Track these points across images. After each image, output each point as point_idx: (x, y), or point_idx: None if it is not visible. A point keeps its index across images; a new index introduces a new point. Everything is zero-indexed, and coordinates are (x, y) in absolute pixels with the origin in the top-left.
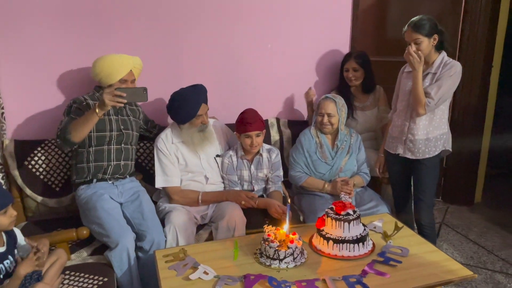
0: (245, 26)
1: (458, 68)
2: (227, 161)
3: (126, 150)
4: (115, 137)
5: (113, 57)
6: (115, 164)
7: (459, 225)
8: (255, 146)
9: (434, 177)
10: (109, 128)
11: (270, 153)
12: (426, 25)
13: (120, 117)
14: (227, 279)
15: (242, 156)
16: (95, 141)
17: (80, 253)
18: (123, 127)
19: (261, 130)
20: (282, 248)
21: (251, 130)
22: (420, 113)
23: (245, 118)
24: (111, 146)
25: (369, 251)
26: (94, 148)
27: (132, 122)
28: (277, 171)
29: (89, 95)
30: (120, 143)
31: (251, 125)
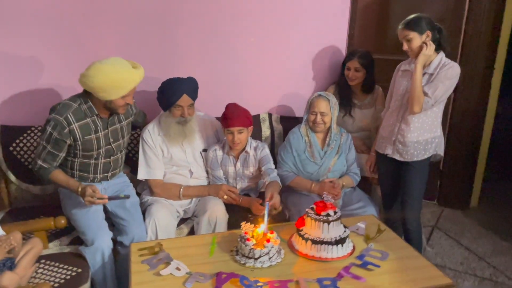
0: (239, 21)
1: (456, 70)
2: (211, 155)
3: (115, 161)
4: (104, 152)
5: (118, 71)
6: (102, 176)
7: (452, 229)
8: (237, 143)
9: (422, 181)
10: (97, 147)
11: (257, 150)
12: (417, 22)
13: (110, 129)
14: (198, 276)
15: (228, 152)
16: (81, 156)
17: (58, 242)
18: (113, 139)
19: (245, 126)
20: (258, 247)
21: (232, 126)
22: (415, 111)
23: (226, 113)
24: (99, 161)
25: (348, 253)
26: (80, 160)
27: (124, 128)
28: (267, 164)
29: (74, 110)
30: (108, 157)
31: (232, 120)
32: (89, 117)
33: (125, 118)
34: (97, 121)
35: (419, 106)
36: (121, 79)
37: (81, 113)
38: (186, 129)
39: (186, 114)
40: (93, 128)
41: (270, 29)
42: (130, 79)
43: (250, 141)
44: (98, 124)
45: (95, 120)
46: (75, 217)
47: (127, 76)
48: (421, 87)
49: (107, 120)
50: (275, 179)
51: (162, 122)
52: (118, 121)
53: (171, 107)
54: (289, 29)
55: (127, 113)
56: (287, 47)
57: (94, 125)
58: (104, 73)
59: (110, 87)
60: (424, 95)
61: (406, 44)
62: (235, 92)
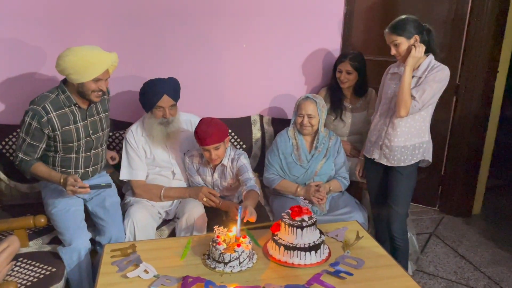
0: (230, 22)
1: (445, 73)
2: (188, 161)
3: (96, 155)
4: (84, 144)
5: (87, 52)
6: (83, 171)
7: (450, 237)
8: (215, 159)
9: (408, 187)
10: (76, 138)
11: (233, 162)
12: (404, 26)
13: (89, 120)
14: (165, 280)
15: (205, 163)
16: (61, 150)
17: (38, 240)
18: (92, 131)
19: (220, 141)
20: (228, 251)
21: (207, 144)
22: (401, 114)
23: (199, 131)
24: (79, 155)
25: (322, 260)
26: (61, 155)
27: (103, 120)
28: (244, 174)
29: (52, 100)
30: (89, 150)
31: (206, 140)
32: (67, 106)
33: (103, 111)
34: (75, 111)
35: (405, 110)
36: (91, 59)
37: (59, 103)
38: (169, 130)
39: (168, 115)
40: (72, 118)
41: (262, 30)
42: (100, 60)
43: (228, 152)
44: (77, 114)
45: (73, 110)
46: (54, 217)
47: (97, 57)
48: (409, 90)
49: (85, 111)
50: (252, 187)
51: (145, 123)
52: (96, 113)
53: (152, 108)
54: (282, 30)
55: (104, 105)
56: (280, 48)
57: (72, 115)
58: (75, 53)
59: (81, 67)
60: (411, 99)
61: (394, 48)
62: (226, 93)
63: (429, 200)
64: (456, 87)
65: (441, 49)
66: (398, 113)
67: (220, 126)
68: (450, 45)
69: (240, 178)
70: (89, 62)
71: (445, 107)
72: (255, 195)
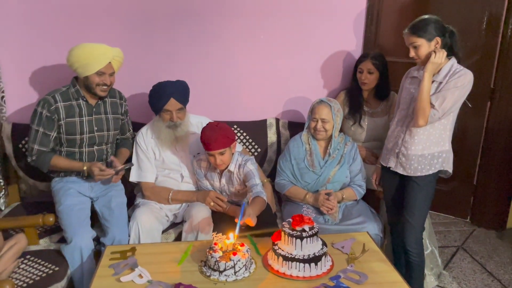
0: (247, 22)
1: (468, 78)
2: (196, 165)
3: (100, 151)
4: (87, 139)
5: (91, 46)
6: None
7: (480, 251)
8: (220, 165)
9: (425, 198)
10: (80, 131)
11: (240, 168)
12: (425, 27)
13: (95, 117)
14: (158, 286)
15: (212, 169)
16: (65, 143)
17: (47, 239)
18: (97, 128)
19: (225, 147)
20: (224, 259)
21: (212, 150)
22: (419, 124)
23: (204, 136)
24: (83, 149)
25: (323, 273)
26: (65, 149)
27: (110, 121)
28: (251, 180)
29: (62, 92)
30: (92, 146)
31: (211, 145)
32: (75, 99)
33: (112, 112)
34: (82, 105)
35: (424, 119)
36: (94, 52)
37: (68, 95)
38: (177, 133)
39: (175, 119)
40: (77, 111)
41: (279, 30)
42: (102, 53)
43: (235, 158)
44: (83, 108)
45: (80, 104)
46: (60, 214)
47: (99, 50)
48: (428, 98)
49: (93, 106)
50: (258, 194)
51: (154, 126)
52: (104, 112)
53: (160, 111)
54: (300, 30)
55: (115, 108)
56: (297, 49)
57: (78, 108)
58: (80, 47)
59: (85, 60)
60: (430, 107)
61: (413, 51)
62: (241, 96)
63: (460, 211)
64: (490, 91)
65: (474, 52)
66: (416, 123)
67: (226, 131)
68: (484, 48)
69: (247, 184)
70: (92, 55)
71: (479, 113)
72: (260, 201)
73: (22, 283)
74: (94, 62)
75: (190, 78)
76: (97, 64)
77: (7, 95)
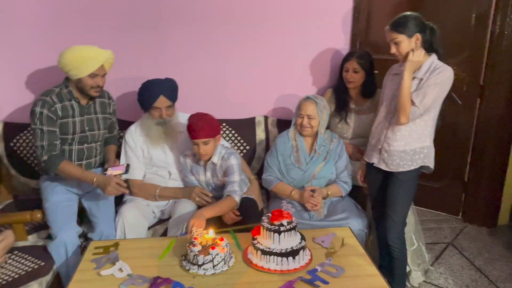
0: (235, 20)
1: (447, 74)
2: (182, 161)
3: (89, 149)
4: (78, 138)
5: (83, 49)
6: (76, 164)
7: (469, 248)
8: (203, 154)
9: (407, 194)
10: (72, 131)
11: (223, 160)
12: (405, 23)
13: (86, 117)
14: (137, 279)
15: (198, 161)
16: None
17: (35, 235)
18: (88, 128)
19: (210, 137)
20: (202, 253)
21: (196, 138)
22: (402, 121)
23: (190, 124)
24: (73, 147)
25: (301, 266)
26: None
27: (99, 121)
28: (230, 176)
29: (57, 93)
30: (82, 144)
31: (196, 133)
32: (68, 100)
33: (101, 112)
34: (74, 106)
35: (405, 116)
36: (87, 55)
37: (62, 97)
38: (166, 131)
39: (165, 116)
40: (71, 111)
41: (268, 29)
42: (95, 56)
43: (219, 150)
44: (76, 109)
45: (73, 105)
46: (47, 211)
47: (92, 53)
48: (409, 96)
49: (84, 107)
50: (230, 193)
51: (143, 123)
52: (94, 112)
53: (149, 108)
54: (288, 29)
55: (104, 108)
56: (286, 47)
57: (72, 109)
58: (73, 50)
59: (77, 63)
60: (411, 104)
61: (394, 47)
62: (230, 94)
63: (451, 208)
64: (480, 88)
65: (463, 49)
66: (398, 121)
67: (212, 122)
68: (473, 45)
69: (226, 179)
70: (85, 58)
71: (469, 110)
72: (225, 203)
73: (8, 277)
74: (87, 65)
75: (179, 76)
76: (90, 67)
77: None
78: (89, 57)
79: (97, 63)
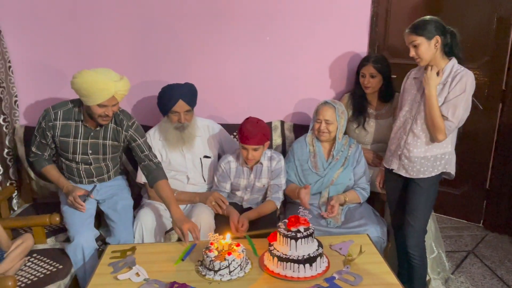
0: (252, 24)
1: (470, 79)
2: (223, 167)
3: (98, 169)
4: (80, 159)
5: (95, 77)
6: (88, 180)
7: (491, 256)
8: (251, 160)
9: (427, 201)
10: (72, 151)
11: (271, 161)
12: (424, 26)
13: (91, 141)
14: (153, 284)
15: (243, 164)
16: (62, 156)
17: (54, 238)
18: (91, 151)
19: (261, 144)
20: (219, 259)
21: (247, 144)
22: (440, 139)
23: (243, 129)
24: (79, 165)
25: (318, 274)
26: (64, 162)
27: (107, 147)
28: (276, 179)
29: (66, 110)
30: (87, 164)
31: (248, 139)
32: (75, 120)
33: (112, 139)
34: (80, 127)
35: (442, 133)
36: (96, 86)
37: (70, 115)
38: (184, 135)
39: (183, 120)
40: (73, 132)
41: (285, 32)
42: (104, 88)
43: (264, 152)
44: (80, 131)
45: (78, 126)
46: (65, 214)
47: (102, 84)
48: (439, 113)
49: (92, 130)
50: (274, 199)
51: (162, 127)
52: (103, 138)
53: (168, 112)
54: (305, 32)
55: (116, 136)
56: (304, 51)
57: (75, 130)
58: (84, 78)
59: (87, 92)
60: (444, 119)
61: (413, 50)
62: (247, 98)
63: (472, 216)
64: (502, 93)
65: (484, 53)
66: (436, 139)
67: (264, 129)
68: (495, 49)
69: (272, 181)
70: (94, 88)
71: (490, 115)
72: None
73: (27, 280)
74: (96, 96)
75: (196, 81)
76: (99, 98)
77: (20, 99)
78: (98, 89)
79: (108, 95)
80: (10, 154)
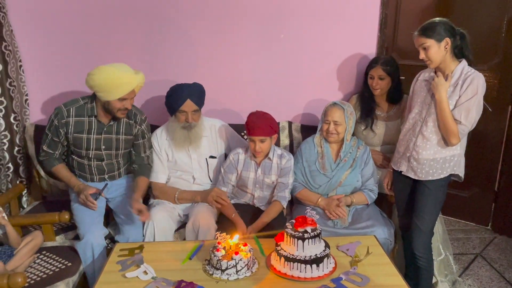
0: (262, 26)
1: (481, 81)
2: (232, 158)
3: (109, 164)
4: (93, 155)
5: (115, 72)
6: (99, 177)
7: (499, 259)
8: (258, 152)
9: (435, 203)
10: (86, 147)
11: (281, 158)
12: (434, 28)
13: (104, 136)
14: (161, 282)
15: (251, 157)
16: (74, 153)
17: (63, 236)
18: (105, 147)
19: (267, 135)
20: (226, 258)
21: (253, 135)
22: (454, 143)
23: (249, 121)
24: (91, 162)
25: (324, 274)
26: (76, 159)
27: (121, 142)
28: (285, 177)
29: (79, 106)
30: (100, 160)
31: (254, 130)
32: (88, 116)
33: (125, 133)
34: (93, 123)
35: (455, 137)
36: (119, 80)
37: (83, 111)
38: (191, 135)
39: (190, 120)
40: (87, 128)
41: (293, 33)
42: (127, 81)
43: (274, 149)
44: (94, 126)
45: (92, 121)
46: (75, 211)
47: (124, 78)
48: (451, 118)
49: (104, 125)
50: (280, 199)
51: (169, 126)
52: (116, 132)
53: (176, 112)
54: (314, 33)
55: (129, 129)
56: (312, 52)
57: (89, 126)
58: (104, 73)
59: (108, 87)
60: (457, 123)
61: (422, 52)
62: (254, 99)
63: (480, 218)
64: (511, 95)
65: (494, 55)
66: (450, 143)
67: (271, 121)
68: (505, 51)
69: (279, 180)
70: (115, 83)
71: (499, 117)
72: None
73: (36, 276)
74: (118, 90)
75: (204, 81)
76: (120, 92)
77: (30, 98)
78: (120, 82)
79: (129, 88)
80: (20, 152)
